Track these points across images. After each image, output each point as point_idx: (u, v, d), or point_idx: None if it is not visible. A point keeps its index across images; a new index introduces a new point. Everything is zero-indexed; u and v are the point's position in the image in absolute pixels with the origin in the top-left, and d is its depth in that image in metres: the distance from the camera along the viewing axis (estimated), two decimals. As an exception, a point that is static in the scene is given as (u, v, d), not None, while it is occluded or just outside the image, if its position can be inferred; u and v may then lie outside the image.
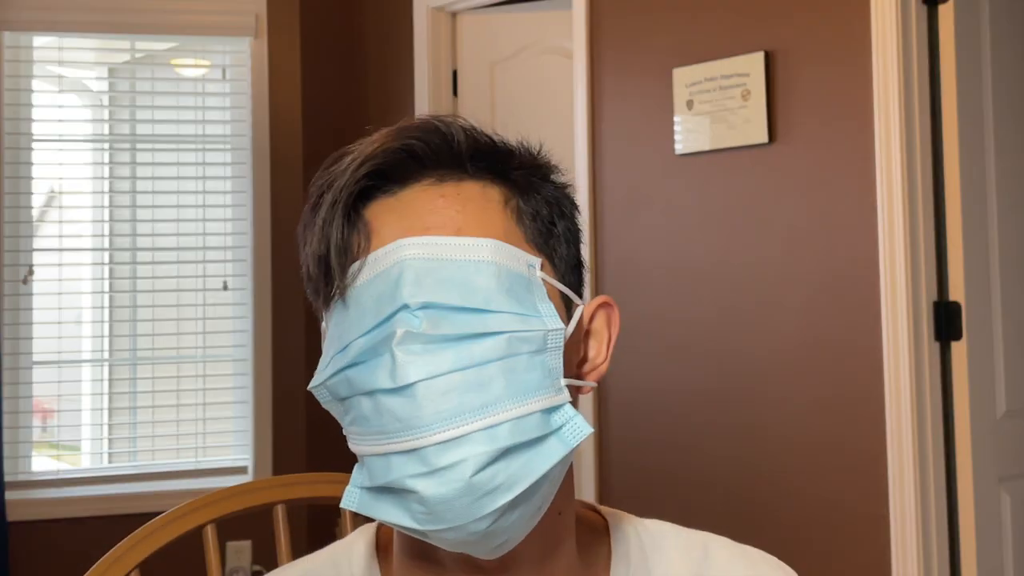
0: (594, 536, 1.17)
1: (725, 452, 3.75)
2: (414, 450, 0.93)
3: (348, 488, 1.01)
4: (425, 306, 0.94)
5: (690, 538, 1.22)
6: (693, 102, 3.84)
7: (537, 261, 1.01)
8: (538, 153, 1.10)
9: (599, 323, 1.10)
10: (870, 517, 3.35)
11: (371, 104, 5.27)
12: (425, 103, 4.89)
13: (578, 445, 0.98)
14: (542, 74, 4.64)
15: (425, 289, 0.95)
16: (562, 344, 0.99)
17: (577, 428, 0.98)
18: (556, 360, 0.99)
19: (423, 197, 1.00)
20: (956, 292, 3.34)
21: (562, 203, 1.09)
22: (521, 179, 1.06)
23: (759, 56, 3.65)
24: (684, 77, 3.88)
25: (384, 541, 1.18)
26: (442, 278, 0.95)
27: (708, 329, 3.83)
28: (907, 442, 3.25)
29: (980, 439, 3.35)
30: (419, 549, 1.05)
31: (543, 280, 1.01)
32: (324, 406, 1.03)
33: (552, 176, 1.09)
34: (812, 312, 3.53)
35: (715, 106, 3.77)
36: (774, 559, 1.24)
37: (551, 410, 0.97)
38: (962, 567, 3.28)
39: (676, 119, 3.90)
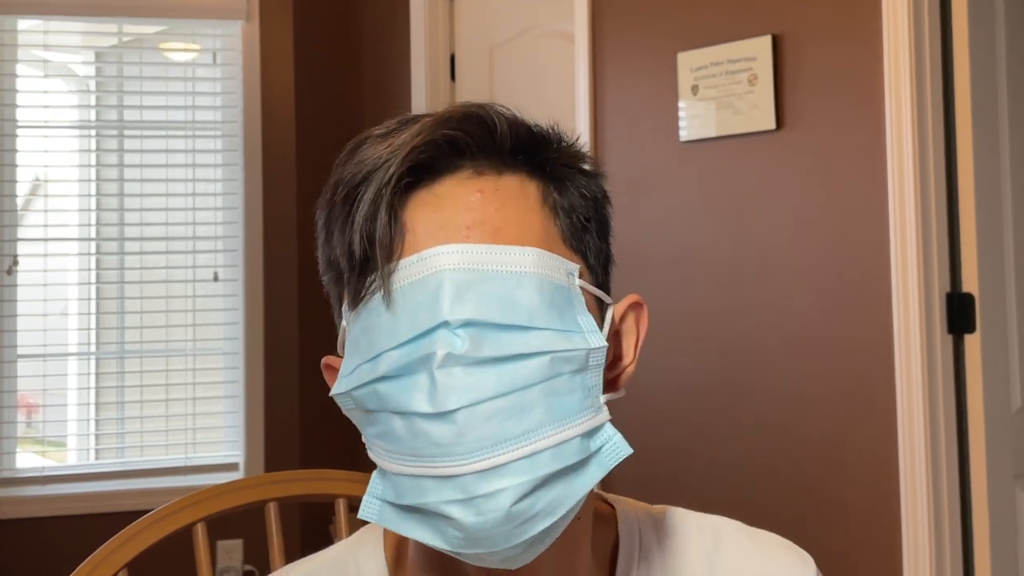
0: (600, 525, 1.16)
1: (731, 449, 3.75)
2: (451, 476, 0.92)
3: (367, 499, 1.00)
4: (467, 324, 0.92)
5: (701, 523, 1.23)
6: (698, 87, 3.83)
7: (576, 267, 1.00)
8: (574, 142, 1.08)
9: (629, 322, 1.10)
10: (881, 516, 3.35)
11: (366, 89, 5.26)
12: (422, 88, 4.89)
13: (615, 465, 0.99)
14: (542, 58, 4.63)
15: (466, 305, 0.92)
16: (603, 362, 0.99)
17: (616, 449, 0.98)
18: (596, 378, 0.99)
19: (460, 191, 0.98)
20: (970, 283, 3.33)
21: (596, 195, 1.08)
22: (557, 171, 1.05)
23: (766, 40, 3.64)
24: (689, 61, 3.87)
25: (393, 543, 1.17)
26: (483, 292, 0.93)
27: (712, 322, 3.82)
28: (919, 439, 3.24)
29: (994, 435, 3.34)
30: (440, 560, 1.05)
31: (581, 288, 1.00)
32: (345, 413, 1.02)
33: (586, 165, 1.08)
34: (821, 304, 3.52)
35: (721, 91, 3.76)
36: (788, 542, 1.24)
37: (591, 432, 0.97)
38: (976, 567, 3.28)
39: (680, 105, 3.90)
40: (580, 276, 1.00)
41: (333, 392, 0.99)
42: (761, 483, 3.66)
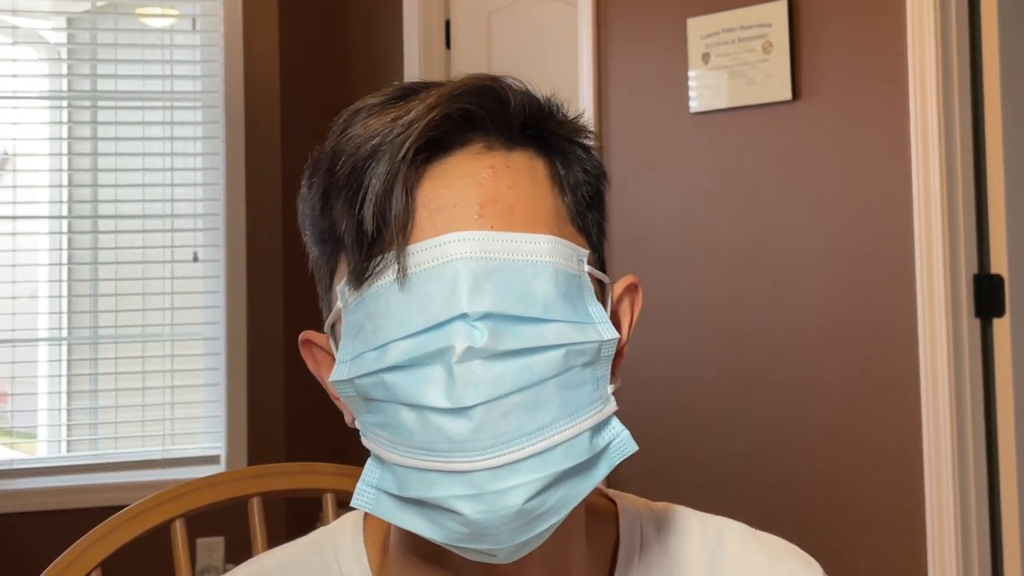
0: (601, 521, 1.20)
1: (744, 441, 3.75)
2: (463, 472, 0.94)
3: (361, 486, 1.03)
4: (486, 316, 0.94)
5: (704, 522, 1.25)
6: (709, 55, 3.83)
7: (585, 253, 1.03)
8: (578, 115, 1.11)
9: (624, 304, 1.13)
10: (904, 513, 3.35)
11: (356, 58, 5.25)
12: (415, 56, 4.87)
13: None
14: (543, 24, 4.62)
15: (485, 296, 0.95)
16: (613, 353, 1.02)
17: (622, 446, 1.02)
18: (606, 369, 1.02)
19: (472, 166, 1.00)
20: (998, 264, 3.33)
21: (597, 170, 1.10)
22: (562, 146, 1.07)
23: (782, 5, 3.64)
24: (700, 27, 3.86)
25: (375, 528, 1.19)
26: (501, 283, 0.95)
27: (722, 306, 3.82)
28: (945, 429, 3.24)
29: (1024, 426, 3.34)
30: (427, 549, 1.07)
31: (588, 273, 1.03)
32: (341, 398, 1.03)
33: (586, 140, 1.10)
34: (839, 287, 3.52)
35: (734, 59, 3.75)
36: (794, 547, 1.27)
37: (600, 426, 1.01)
38: (1005, 565, 3.28)
39: (691, 74, 3.89)
40: (587, 261, 1.03)
41: (332, 378, 1.01)
42: (773, 478, 3.66)
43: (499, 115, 1.02)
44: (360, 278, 0.98)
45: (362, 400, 1.00)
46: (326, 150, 1.03)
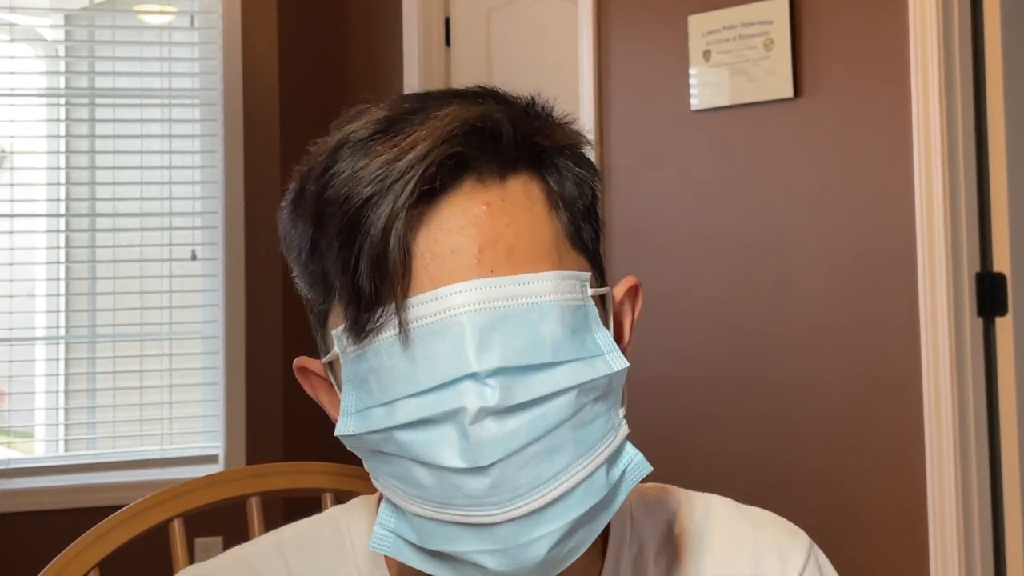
0: None
1: (744, 441, 3.75)
2: (483, 525, 0.93)
3: (379, 531, 1.01)
4: (496, 372, 0.92)
5: (691, 499, 1.30)
6: (710, 52, 3.82)
7: (587, 276, 1.00)
8: (564, 117, 1.08)
9: (626, 306, 1.11)
10: (906, 511, 3.35)
11: (354, 56, 5.25)
12: (414, 53, 4.87)
13: None
14: (543, 22, 4.61)
15: (493, 352, 0.92)
16: (624, 381, 1.00)
17: (636, 470, 1.02)
18: (616, 398, 1.01)
19: (467, 205, 0.97)
20: (1001, 263, 3.33)
21: (590, 176, 1.07)
22: (553, 159, 1.04)
23: (783, 2, 3.63)
24: (701, 24, 3.86)
25: None
26: (508, 333, 0.93)
27: (723, 305, 3.82)
28: (947, 429, 3.24)
29: (1026, 425, 3.34)
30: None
31: (591, 295, 1.00)
32: (349, 448, 1.01)
33: (573, 141, 1.07)
34: (841, 286, 3.52)
35: (735, 57, 3.75)
36: (782, 520, 1.31)
37: (615, 456, 1.00)
38: (1008, 567, 3.28)
39: (692, 71, 3.89)
40: (590, 283, 1.00)
41: (339, 433, 0.98)
42: (773, 478, 3.66)
43: (490, 149, 0.99)
44: (359, 333, 0.96)
45: (369, 452, 0.99)
46: (309, 188, 1.00)
